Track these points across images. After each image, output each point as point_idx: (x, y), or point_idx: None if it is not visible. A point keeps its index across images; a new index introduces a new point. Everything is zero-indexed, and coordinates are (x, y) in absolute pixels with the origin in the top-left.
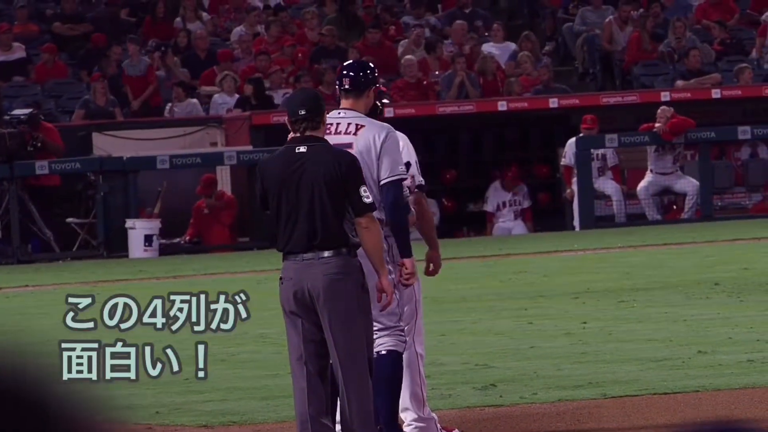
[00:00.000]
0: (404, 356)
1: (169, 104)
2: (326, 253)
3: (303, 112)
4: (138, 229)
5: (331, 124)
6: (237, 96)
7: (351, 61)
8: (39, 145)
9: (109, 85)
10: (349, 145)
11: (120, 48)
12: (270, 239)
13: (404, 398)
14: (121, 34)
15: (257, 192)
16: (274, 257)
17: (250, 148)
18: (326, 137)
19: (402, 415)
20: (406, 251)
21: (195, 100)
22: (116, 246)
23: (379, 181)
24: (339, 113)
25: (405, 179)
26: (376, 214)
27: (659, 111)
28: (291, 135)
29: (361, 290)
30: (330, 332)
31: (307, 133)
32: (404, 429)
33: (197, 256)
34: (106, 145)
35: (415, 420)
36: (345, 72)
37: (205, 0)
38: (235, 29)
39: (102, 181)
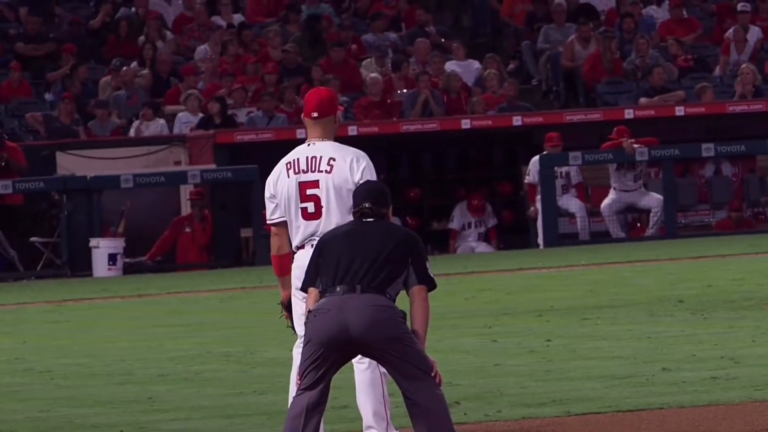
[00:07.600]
0: (367, 375)
1: (135, 123)
2: (369, 293)
3: (368, 205)
4: (102, 248)
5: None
6: (201, 115)
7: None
8: (3, 164)
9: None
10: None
11: (85, 68)
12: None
13: (368, 417)
14: (85, 53)
15: (309, 265)
16: (238, 276)
17: (213, 166)
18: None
19: None
20: None
21: (162, 120)
22: (80, 265)
23: None
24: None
25: None
26: None
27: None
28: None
29: (405, 322)
30: (393, 358)
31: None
32: None
33: (161, 275)
34: (69, 164)
35: None
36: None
37: (168, 19)
38: (199, 48)
39: (66, 200)
